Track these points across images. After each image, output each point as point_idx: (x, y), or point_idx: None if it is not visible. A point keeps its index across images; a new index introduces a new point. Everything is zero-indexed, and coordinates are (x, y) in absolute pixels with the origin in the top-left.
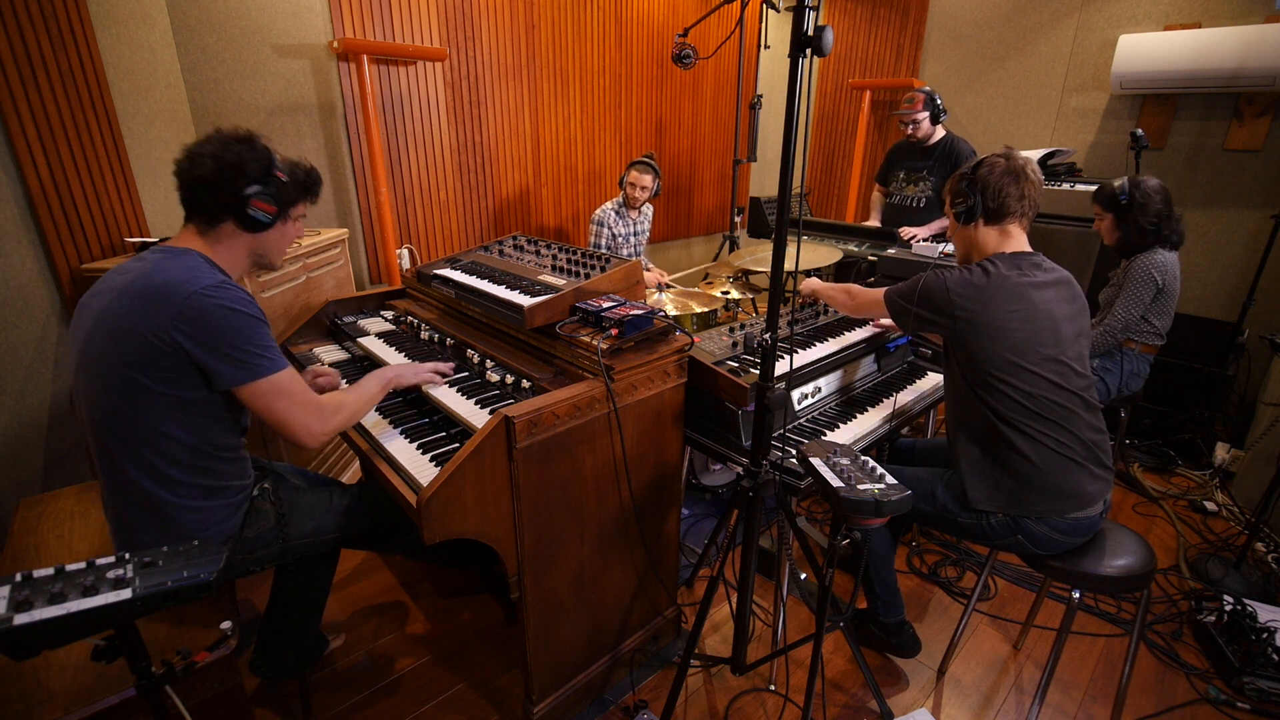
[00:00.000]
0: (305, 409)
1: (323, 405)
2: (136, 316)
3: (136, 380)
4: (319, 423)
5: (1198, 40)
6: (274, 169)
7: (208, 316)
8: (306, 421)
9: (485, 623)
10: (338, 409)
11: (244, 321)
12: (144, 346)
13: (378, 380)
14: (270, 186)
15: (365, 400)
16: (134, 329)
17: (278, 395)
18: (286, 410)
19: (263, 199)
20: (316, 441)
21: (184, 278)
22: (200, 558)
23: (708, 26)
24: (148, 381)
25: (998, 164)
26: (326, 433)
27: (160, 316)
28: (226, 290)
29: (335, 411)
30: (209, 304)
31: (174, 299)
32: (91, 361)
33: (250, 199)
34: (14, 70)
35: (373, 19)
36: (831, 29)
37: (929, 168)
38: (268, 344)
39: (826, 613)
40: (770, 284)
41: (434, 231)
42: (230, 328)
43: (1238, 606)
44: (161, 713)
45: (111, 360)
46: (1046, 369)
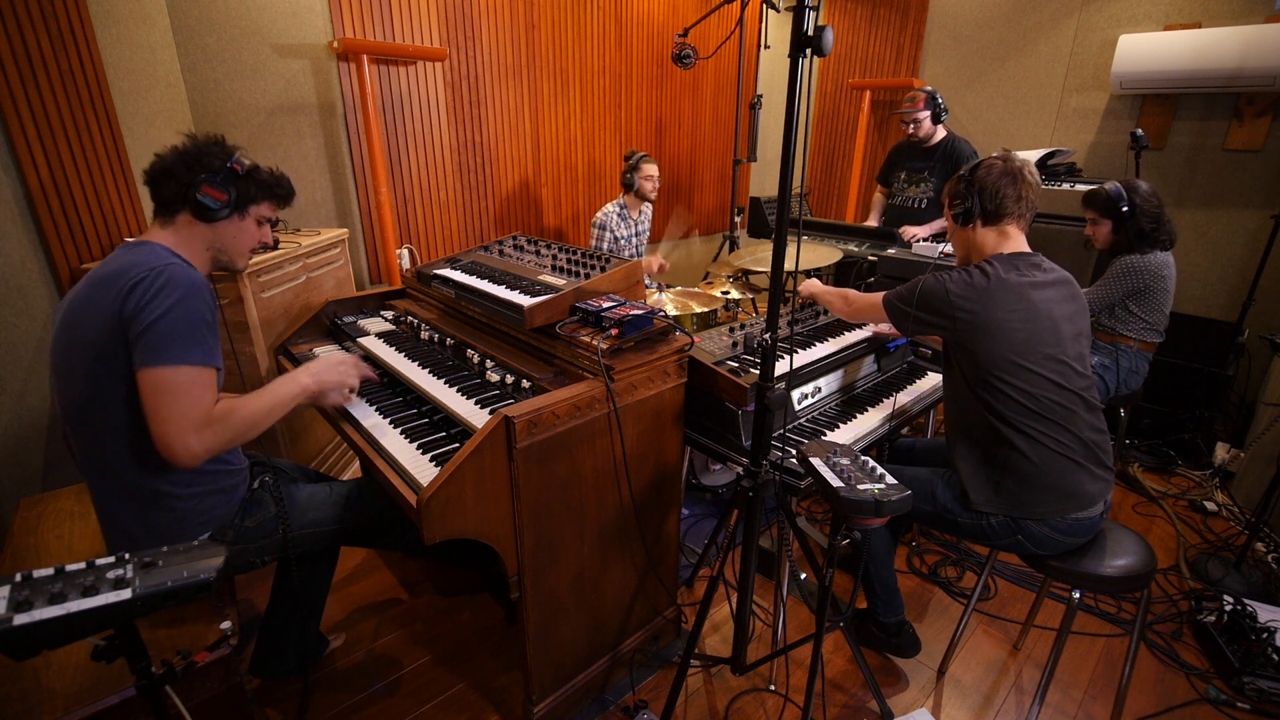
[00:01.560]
0: (188, 416)
1: (212, 419)
2: (90, 305)
3: (99, 370)
4: (198, 436)
5: (1198, 40)
6: (231, 162)
7: (140, 291)
8: (184, 433)
9: (485, 623)
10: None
11: (182, 308)
12: (99, 334)
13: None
14: (222, 175)
15: (269, 410)
16: (89, 317)
17: (165, 390)
18: (167, 410)
19: (213, 185)
20: (190, 455)
21: (135, 261)
22: (200, 558)
23: (708, 26)
24: (109, 369)
25: (995, 165)
26: (205, 451)
27: (108, 299)
28: (172, 270)
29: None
30: (146, 280)
31: (121, 280)
32: (59, 358)
33: (201, 184)
34: (14, 70)
35: (373, 19)
36: (831, 29)
37: (930, 168)
38: (196, 334)
39: (826, 613)
40: (770, 284)
41: (434, 231)
42: (159, 305)
43: (1238, 606)
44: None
45: (75, 353)
46: (1047, 369)
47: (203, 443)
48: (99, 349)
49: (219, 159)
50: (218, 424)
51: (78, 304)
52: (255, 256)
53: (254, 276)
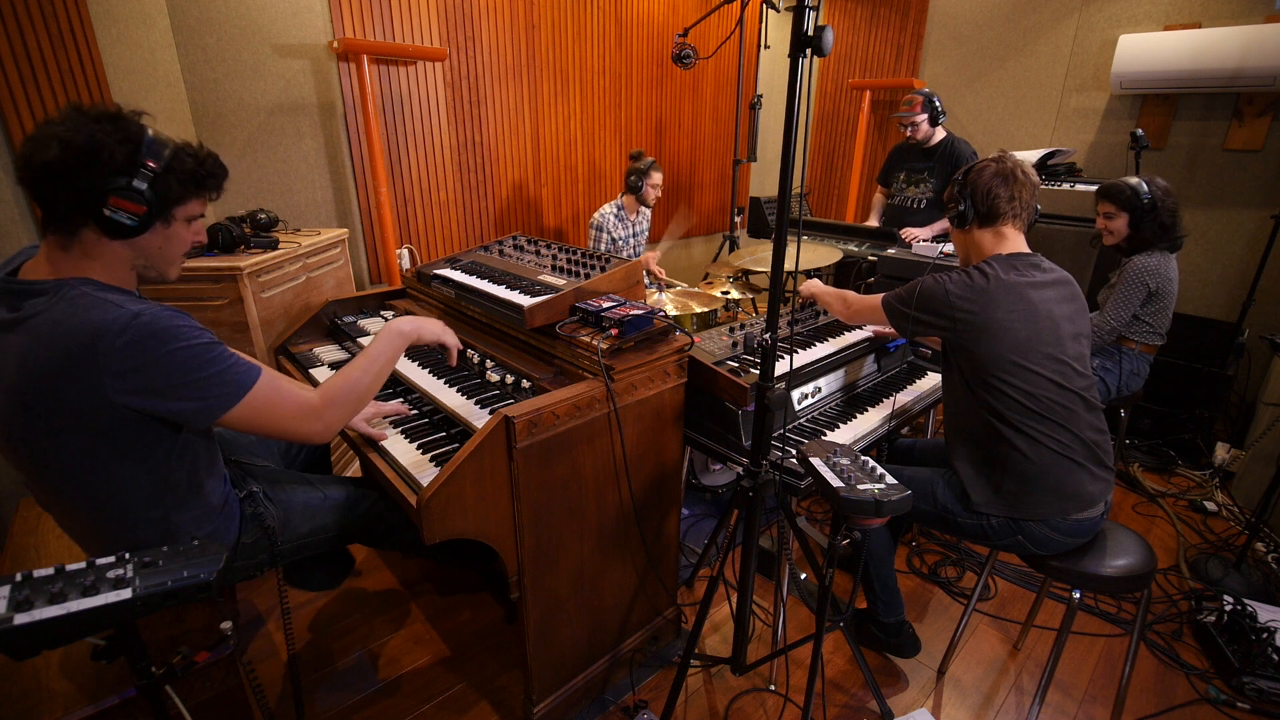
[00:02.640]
0: (295, 414)
1: (312, 404)
2: (63, 396)
3: (96, 457)
4: (318, 422)
5: (1198, 40)
6: (141, 155)
7: (145, 368)
8: (301, 428)
9: (485, 623)
10: (332, 400)
11: (186, 355)
12: (85, 423)
13: (390, 338)
14: (136, 178)
15: (375, 370)
16: (66, 410)
17: (255, 414)
18: (274, 423)
19: (125, 195)
20: (326, 438)
21: (91, 328)
22: (200, 558)
23: (708, 26)
24: (112, 455)
25: (987, 168)
26: (331, 430)
27: (88, 385)
28: (144, 324)
29: (332, 403)
30: (138, 354)
31: (94, 358)
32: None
33: (108, 195)
34: (14, 70)
35: (373, 19)
36: (831, 29)
37: (930, 169)
38: (223, 364)
39: (826, 613)
40: (770, 284)
41: (434, 231)
42: (175, 369)
43: (1238, 606)
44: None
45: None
46: (1048, 368)
47: (326, 424)
48: (97, 432)
49: (124, 149)
50: (331, 405)
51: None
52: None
53: (254, 277)
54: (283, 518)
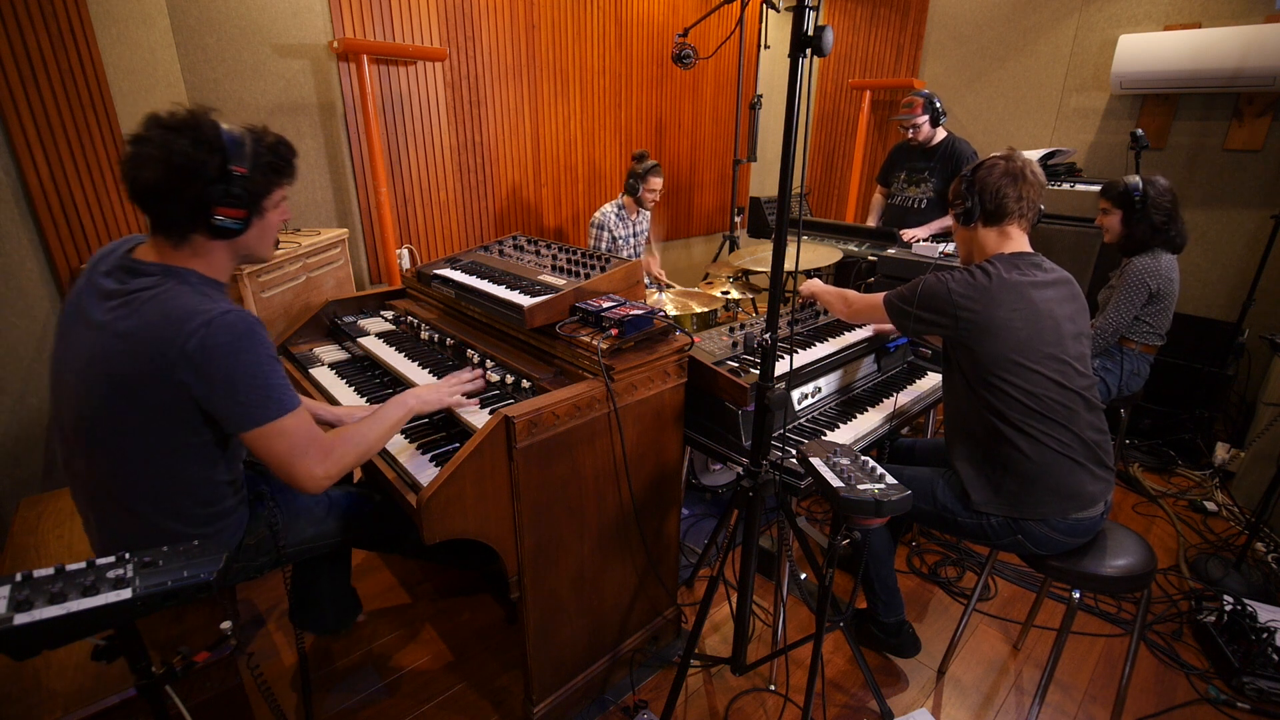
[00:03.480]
0: (308, 451)
1: (326, 443)
2: (137, 365)
3: (151, 431)
4: (321, 465)
5: (1198, 40)
6: (230, 162)
7: (213, 357)
8: (309, 466)
9: (485, 623)
10: (342, 449)
11: (250, 360)
12: (151, 398)
13: (397, 410)
14: (233, 186)
15: (380, 433)
16: (135, 381)
17: (277, 438)
18: (286, 453)
19: (227, 204)
20: (319, 486)
21: (182, 312)
22: (200, 558)
23: (708, 26)
24: (163, 432)
25: (996, 165)
26: (330, 476)
27: (162, 360)
28: (227, 320)
29: (342, 453)
30: (212, 343)
31: (175, 338)
32: (96, 417)
33: (212, 206)
34: (14, 70)
35: (373, 19)
36: (831, 29)
37: (930, 169)
38: (275, 382)
39: (826, 613)
40: (770, 284)
41: (434, 231)
42: (236, 369)
43: (1238, 606)
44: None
45: (120, 417)
46: (1048, 368)
47: (326, 472)
48: (158, 411)
49: (215, 161)
50: (334, 452)
51: (120, 355)
52: None
53: (254, 276)
54: (286, 520)
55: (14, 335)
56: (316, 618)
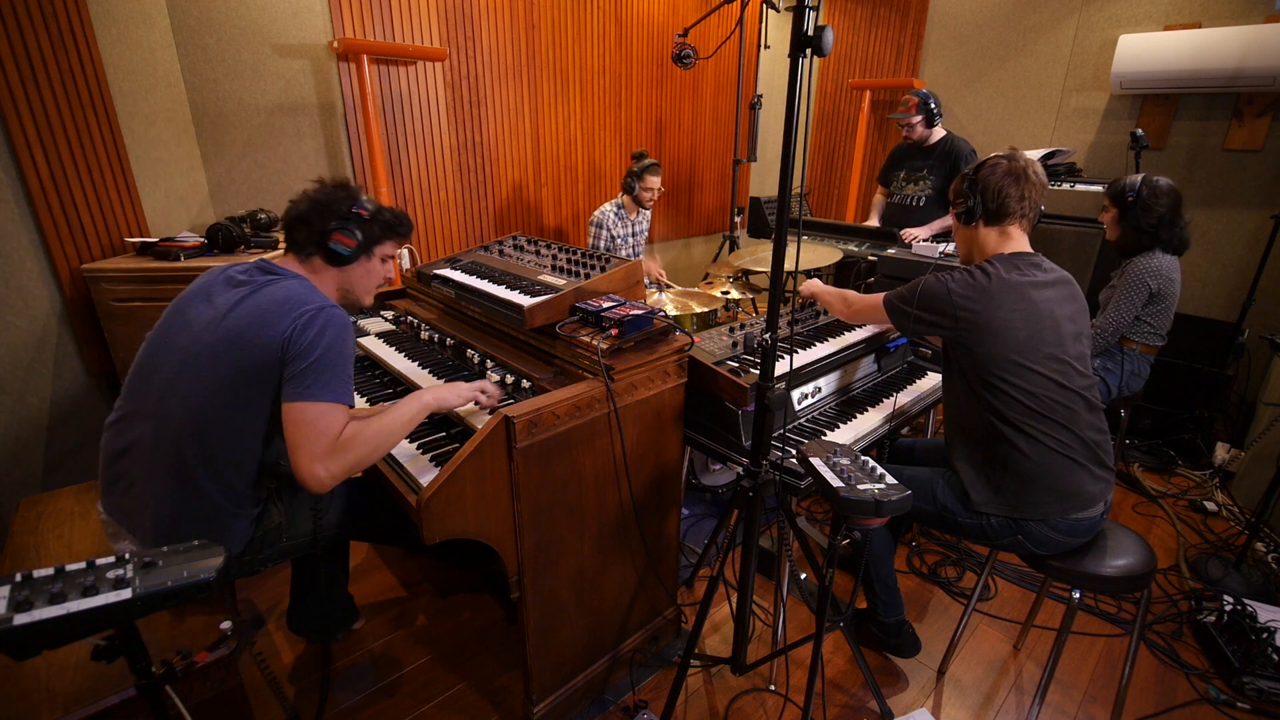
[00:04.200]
0: (322, 445)
1: (337, 448)
2: (255, 326)
3: (243, 391)
4: (325, 467)
5: (1198, 40)
6: (357, 207)
7: (307, 327)
8: (314, 460)
9: (485, 623)
10: (350, 449)
11: (335, 346)
12: (255, 356)
13: (412, 405)
14: (351, 222)
15: (390, 432)
16: (250, 339)
17: (306, 420)
18: (305, 439)
19: (343, 232)
20: (319, 483)
21: (300, 295)
22: (200, 558)
23: (708, 26)
24: (251, 394)
25: (999, 165)
26: (334, 477)
27: (274, 328)
28: (333, 311)
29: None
30: (315, 317)
31: (290, 313)
32: (204, 362)
33: (332, 232)
34: (14, 70)
35: (373, 19)
36: (831, 29)
37: (929, 167)
38: (341, 374)
39: (826, 613)
40: (770, 284)
41: (434, 231)
42: (319, 345)
43: (1238, 606)
44: (161, 713)
45: (226, 367)
46: (1049, 368)
47: (329, 470)
48: (258, 369)
49: (345, 204)
50: (342, 451)
51: (245, 323)
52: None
53: None
54: (288, 514)
55: (14, 335)
56: (313, 623)
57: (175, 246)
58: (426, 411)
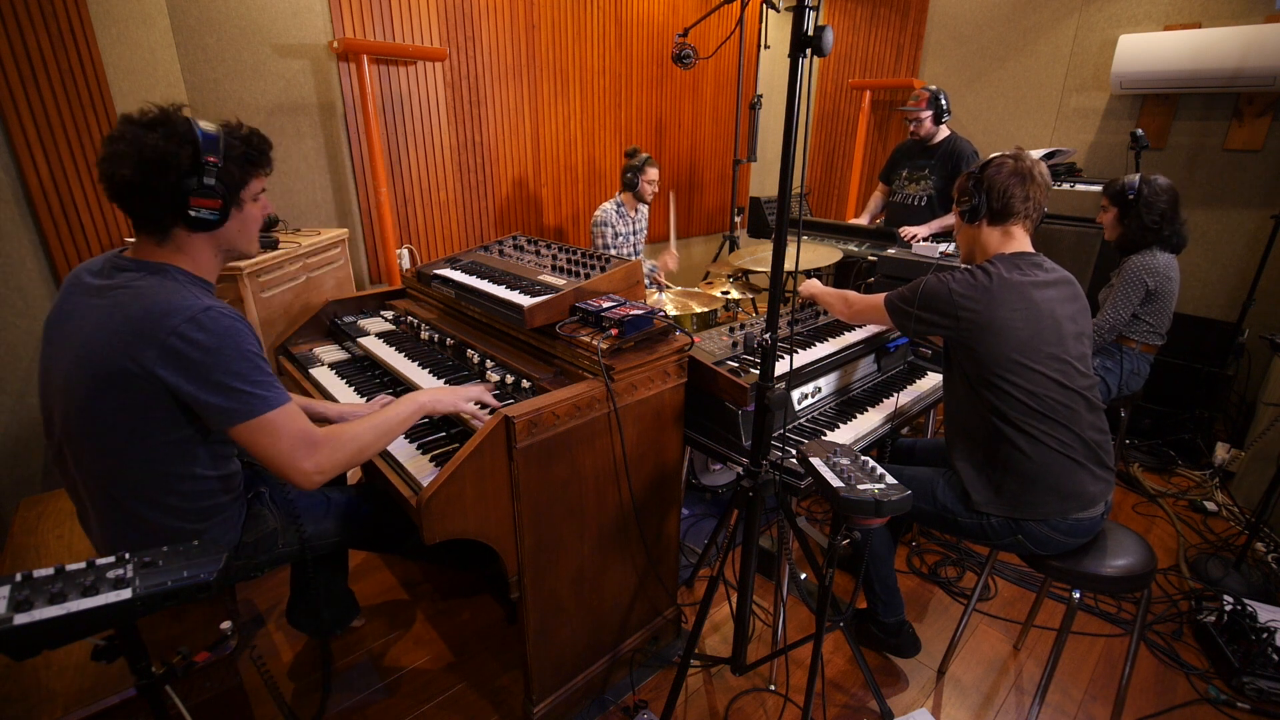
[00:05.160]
0: (294, 444)
1: (313, 437)
2: (118, 359)
3: (139, 431)
4: (310, 459)
5: (1198, 40)
6: (202, 153)
7: (194, 353)
8: (298, 461)
9: (485, 623)
10: (333, 441)
11: (233, 356)
12: (133, 392)
13: (407, 405)
14: (206, 176)
15: (383, 431)
16: (118, 375)
17: (265, 434)
18: (275, 449)
19: (202, 194)
20: (311, 481)
21: (164, 306)
22: (200, 558)
23: (708, 26)
24: (145, 429)
25: (1005, 164)
26: (323, 470)
27: (143, 355)
28: (211, 316)
29: (331, 443)
30: (190, 332)
31: (156, 332)
32: (83, 413)
33: (188, 197)
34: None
35: (373, 19)
36: (831, 29)
37: (931, 166)
38: (259, 378)
39: (826, 613)
40: (770, 284)
41: (434, 231)
42: (218, 366)
43: (1238, 606)
44: (161, 713)
45: (106, 410)
46: (1050, 367)
47: (317, 466)
48: (140, 405)
49: (186, 151)
50: (328, 446)
51: (103, 349)
52: None
53: (254, 276)
54: (285, 520)
55: (14, 335)
56: (313, 619)
57: None
58: (422, 413)
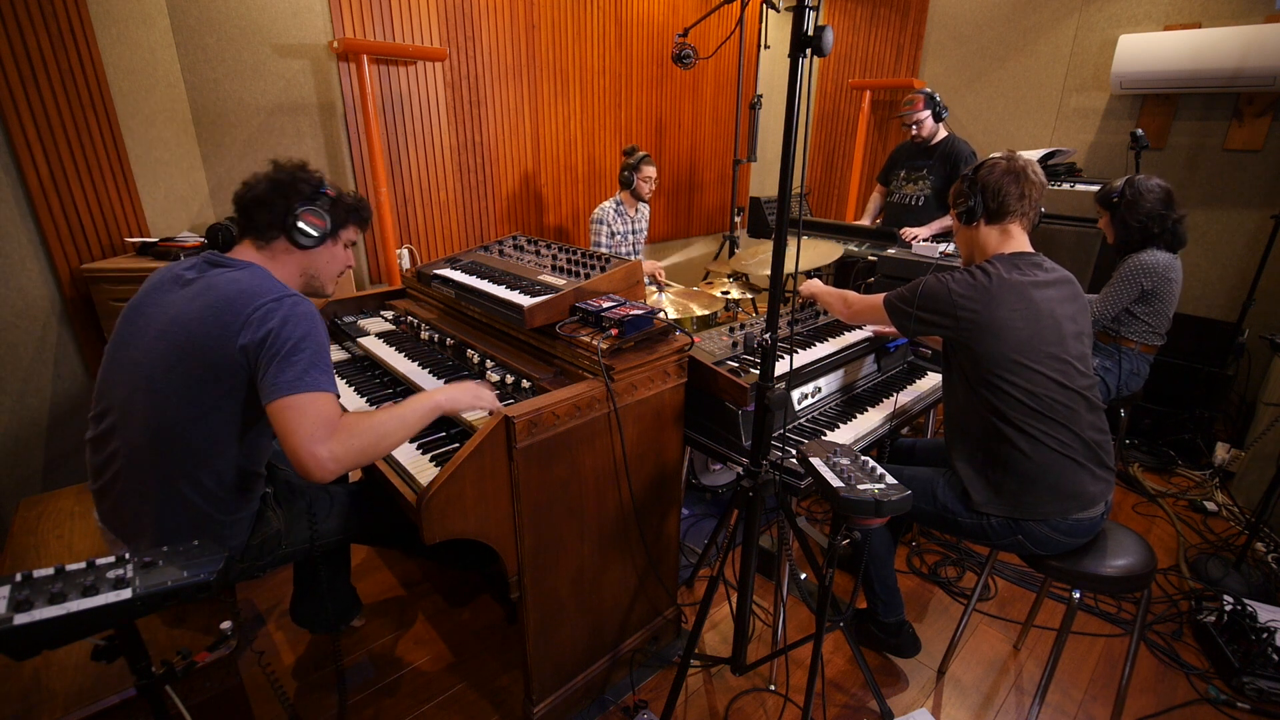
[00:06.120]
0: (316, 430)
1: (337, 427)
2: (207, 326)
3: (204, 396)
4: (325, 446)
5: (1198, 40)
6: (323, 188)
7: (269, 323)
8: (312, 446)
9: (485, 623)
10: (353, 431)
11: (302, 337)
12: (212, 359)
13: (424, 403)
14: (318, 203)
15: (402, 425)
16: (204, 341)
17: (294, 411)
18: (296, 428)
19: (311, 213)
20: (322, 467)
21: (254, 288)
22: (200, 558)
23: (708, 26)
24: (214, 398)
25: (998, 164)
26: (336, 458)
27: (229, 326)
28: (294, 301)
29: (352, 433)
30: (273, 311)
31: (245, 308)
32: (158, 374)
33: (300, 214)
34: (14, 70)
35: (373, 19)
36: (831, 29)
37: (929, 167)
38: (317, 363)
39: (826, 613)
40: (770, 284)
41: (434, 231)
42: (287, 341)
43: (1238, 606)
44: (161, 713)
45: (180, 374)
46: (1050, 367)
47: (331, 452)
48: (216, 375)
49: (311, 185)
50: (344, 432)
51: (192, 325)
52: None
53: None
54: (288, 520)
55: (14, 335)
56: (316, 615)
57: (175, 247)
58: (438, 412)
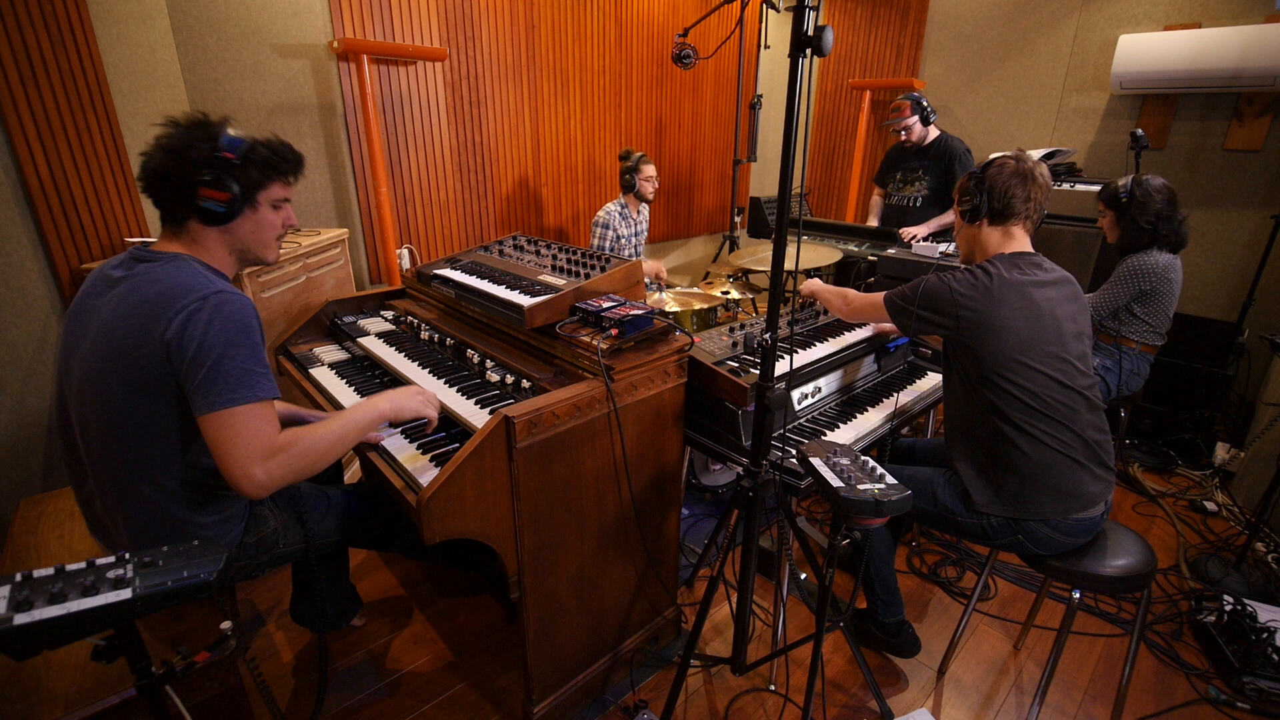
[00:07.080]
0: (250, 450)
1: (275, 449)
2: (132, 336)
3: (139, 410)
4: (261, 466)
5: (1198, 40)
6: (219, 150)
7: (193, 327)
8: (246, 466)
9: (485, 623)
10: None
11: (229, 341)
12: (141, 371)
13: (367, 411)
14: (217, 168)
15: (341, 441)
16: (130, 350)
17: (225, 427)
18: (229, 446)
19: (211, 186)
20: (255, 485)
21: (176, 287)
22: (200, 558)
23: (708, 26)
24: (149, 412)
25: (1007, 165)
26: (273, 478)
27: (151, 333)
28: (221, 299)
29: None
30: (197, 312)
31: (166, 311)
32: (97, 389)
33: (198, 188)
34: (14, 70)
35: (373, 19)
36: (831, 29)
37: (924, 167)
38: (250, 368)
39: (826, 613)
40: (770, 284)
41: (434, 231)
42: (212, 347)
43: (1238, 606)
44: (161, 713)
45: (114, 386)
46: (1050, 367)
47: (268, 473)
48: (146, 380)
49: (205, 147)
50: (282, 453)
51: (118, 333)
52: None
53: (254, 277)
54: (285, 520)
55: (14, 335)
56: (316, 614)
57: None
58: (382, 420)
